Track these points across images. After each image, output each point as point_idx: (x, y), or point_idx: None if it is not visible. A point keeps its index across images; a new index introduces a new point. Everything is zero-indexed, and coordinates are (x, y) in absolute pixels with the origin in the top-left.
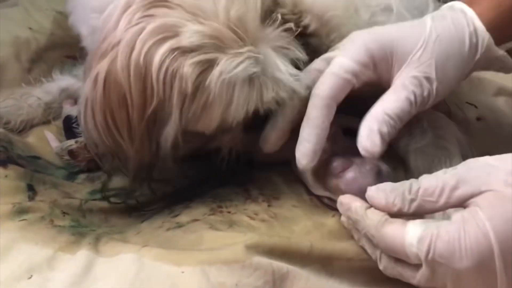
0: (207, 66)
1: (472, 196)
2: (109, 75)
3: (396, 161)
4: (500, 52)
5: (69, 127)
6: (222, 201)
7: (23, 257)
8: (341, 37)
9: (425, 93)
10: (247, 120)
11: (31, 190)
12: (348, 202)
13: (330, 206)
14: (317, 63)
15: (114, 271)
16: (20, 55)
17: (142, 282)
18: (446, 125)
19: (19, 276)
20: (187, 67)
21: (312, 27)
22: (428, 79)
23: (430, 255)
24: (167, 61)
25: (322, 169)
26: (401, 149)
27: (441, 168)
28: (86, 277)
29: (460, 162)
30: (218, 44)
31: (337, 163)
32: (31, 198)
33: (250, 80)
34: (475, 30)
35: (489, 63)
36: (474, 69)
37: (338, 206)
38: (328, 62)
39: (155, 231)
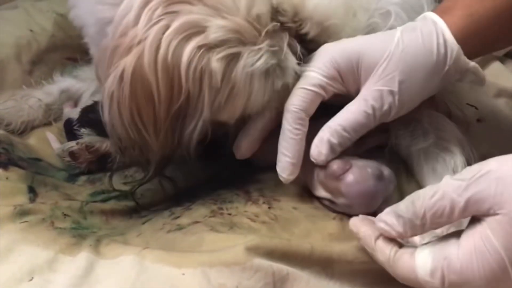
0: (231, 59)
1: (484, 215)
2: (135, 72)
3: (398, 162)
4: (471, 64)
5: (70, 130)
6: (222, 203)
7: (24, 259)
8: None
9: (385, 107)
10: None
11: (32, 192)
12: (356, 230)
13: (331, 208)
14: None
15: (115, 273)
16: (21, 57)
17: (142, 284)
18: (447, 126)
19: (20, 278)
20: (215, 62)
21: (311, 34)
22: (390, 92)
23: (446, 285)
24: (195, 58)
25: (323, 171)
26: (403, 150)
27: (447, 169)
28: (87, 279)
29: (463, 163)
30: (240, 38)
31: (337, 166)
32: (32, 200)
33: (266, 71)
34: (445, 41)
35: (460, 75)
36: (446, 81)
37: (351, 227)
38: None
39: (156, 233)
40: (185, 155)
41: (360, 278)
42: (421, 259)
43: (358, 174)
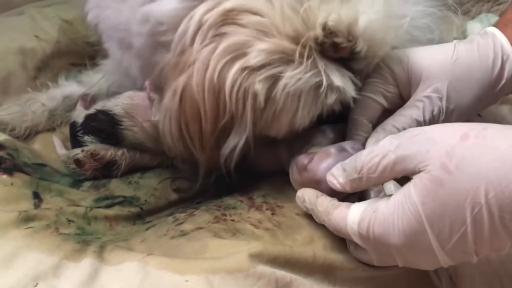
0: (274, 80)
1: (412, 173)
2: (185, 91)
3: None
4: None
5: (74, 134)
6: (226, 209)
7: (28, 265)
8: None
9: (435, 112)
10: None
11: (37, 197)
12: (302, 193)
13: None
14: None
15: (119, 279)
16: (26, 63)
17: None
18: None
19: (25, 284)
20: (257, 84)
21: (363, 52)
22: (440, 99)
23: (370, 235)
24: (239, 80)
25: (295, 172)
26: None
27: None
28: (91, 285)
29: None
30: (283, 58)
31: (302, 157)
32: (37, 206)
33: (314, 89)
34: (502, 54)
35: None
36: (503, 93)
37: (296, 200)
38: None
39: (160, 239)
40: (226, 169)
41: (362, 286)
42: (354, 210)
43: (323, 155)
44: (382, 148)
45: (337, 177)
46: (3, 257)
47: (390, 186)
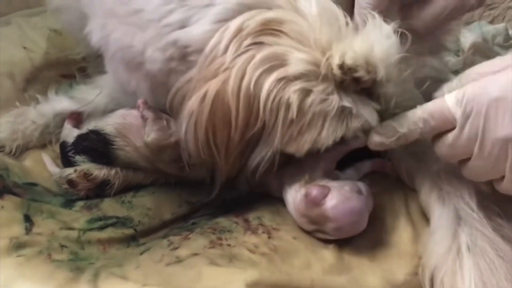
0: (306, 92)
1: None
2: (217, 96)
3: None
4: None
5: (65, 154)
6: (221, 232)
7: None
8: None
9: None
10: None
11: (28, 221)
12: None
13: (325, 239)
14: None
15: None
16: (15, 75)
17: None
18: None
19: None
20: (292, 94)
21: (384, 78)
22: None
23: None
24: (275, 90)
25: (303, 202)
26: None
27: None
28: None
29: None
30: (316, 71)
31: (316, 191)
32: (28, 230)
33: (341, 111)
34: None
35: None
36: None
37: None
38: None
39: (155, 265)
40: (248, 180)
41: None
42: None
43: (339, 195)
44: None
45: None
46: None
47: None
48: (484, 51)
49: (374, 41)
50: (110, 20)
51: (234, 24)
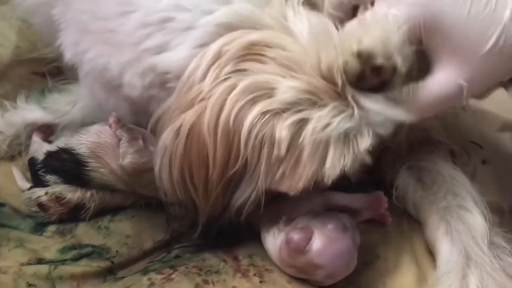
0: (300, 125)
1: None
2: (193, 130)
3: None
4: None
5: (35, 172)
6: (208, 273)
7: None
8: None
9: None
10: None
11: None
12: None
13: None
14: None
15: None
16: None
17: None
18: (458, 178)
19: None
20: (280, 130)
21: (404, 68)
22: None
23: None
24: (258, 125)
25: (285, 253)
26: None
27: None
28: None
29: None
30: (312, 99)
31: (298, 238)
32: None
33: (345, 135)
34: None
35: None
36: None
37: None
38: None
39: None
40: (232, 220)
41: None
42: None
43: (323, 236)
44: None
45: None
46: None
47: None
48: None
49: (387, 30)
50: (84, 37)
51: (212, 48)
